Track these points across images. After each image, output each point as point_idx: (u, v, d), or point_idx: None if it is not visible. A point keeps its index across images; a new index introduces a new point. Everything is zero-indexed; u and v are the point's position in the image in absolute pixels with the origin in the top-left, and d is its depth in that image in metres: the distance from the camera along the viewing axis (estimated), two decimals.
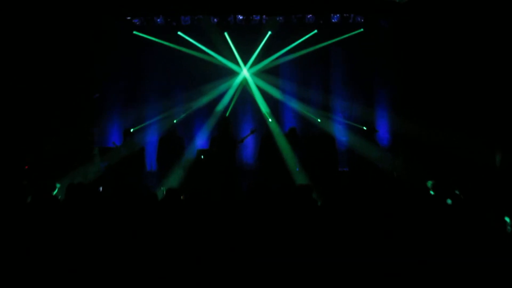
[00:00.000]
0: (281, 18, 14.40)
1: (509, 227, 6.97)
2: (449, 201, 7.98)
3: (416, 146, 12.83)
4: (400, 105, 14.13)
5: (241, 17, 14.33)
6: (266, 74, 14.77)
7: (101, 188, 10.61)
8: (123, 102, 14.60)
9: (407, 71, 13.83)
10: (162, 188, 11.50)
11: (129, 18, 14.22)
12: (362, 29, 14.37)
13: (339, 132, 14.46)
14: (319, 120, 14.17)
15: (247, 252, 6.07)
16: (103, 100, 14.41)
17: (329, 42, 14.55)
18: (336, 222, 6.62)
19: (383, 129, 14.33)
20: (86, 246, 6.08)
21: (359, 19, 14.43)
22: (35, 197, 7.53)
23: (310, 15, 14.32)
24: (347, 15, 14.31)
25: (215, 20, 14.39)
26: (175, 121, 14.04)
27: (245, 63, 14.70)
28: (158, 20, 14.28)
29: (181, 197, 7.85)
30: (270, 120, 13.78)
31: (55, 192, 8.73)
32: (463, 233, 6.26)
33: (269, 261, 5.81)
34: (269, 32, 14.35)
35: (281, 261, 5.87)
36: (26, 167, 11.56)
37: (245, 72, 14.74)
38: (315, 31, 14.37)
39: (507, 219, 7.03)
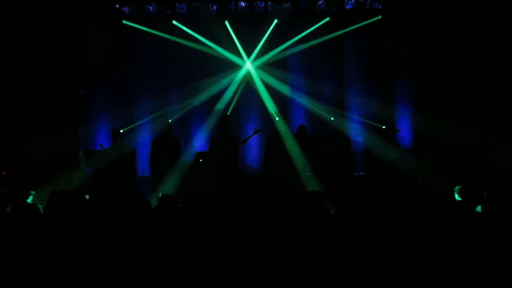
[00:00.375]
0: (288, 4, 14.40)
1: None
2: (478, 208, 7.99)
3: (442, 147, 12.78)
4: (423, 102, 14.08)
5: (243, 4, 14.35)
6: (272, 67, 14.74)
7: (87, 196, 10.63)
8: (112, 100, 14.62)
9: (432, 64, 13.80)
10: (159, 194, 11.46)
11: (117, 6, 14.22)
12: (380, 16, 14.32)
13: (355, 131, 14.46)
14: (332, 119, 14.15)
15: (251, 267, 6.09)
16: (89, 98, 14.41)
17: (343, 31, 14.51)
18: (352, 232, 6.62)
19: (404, 129, 14.28)
20: (70, 260, 6.09)
21: (376, 5, 14.41)
22: (16, 207, 7.56)
23: (322, 1, 14.31)
24: (363, 0, 14.30)
25: (214, 7, 14.39)
26: (170, 121, 14.03)
27: (248, 55, 14.67)
28: (151, 8, 14.29)
29: (178, 205, 7.86)
30: (277, 118, 13.77)
31: (29, 200, 8.74)
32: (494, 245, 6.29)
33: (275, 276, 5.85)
34: (275, 21, 14.32)
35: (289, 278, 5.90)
36: (4, 173, 11.58)
37: (248, 66, 14.72)
38: (327, 18, 14.33)
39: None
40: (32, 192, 9.05)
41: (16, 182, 10.96)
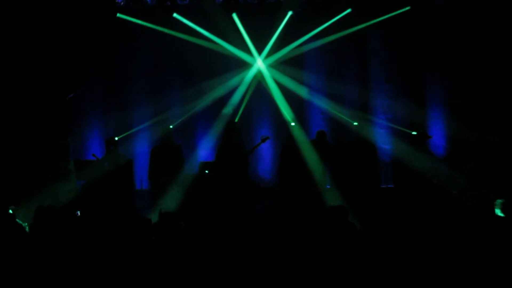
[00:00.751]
0: None
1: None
2: None
3: (481, 155, 12.72)
4: (459, 104, 14.06)
5: None
6: (286, 65, 14.70)
7: (78, 213, 10.64)
8: (106, 103, 14.67)
9: (468, 60, 13.77)
10: (161, 208, 11.39)
11: None
12: (409, 7, 14.26)
13: (382, 138, 14.43)
14: (355, 124, 14.08)
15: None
16: (80, 101, 14.43)
17: (367, 24, 14.44)
18: (379, 252, 6.59)
19: (437, 134, 14.26)
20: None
21: None
22: None
23: None
24: None
25: None
26: (171, 127, 13.98)
27: (259, 52, 14.66)
28: None
29: (180, 223, 7.85)
30: (292, 123, 13.75)
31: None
32: None
33: None
34: (290, 12, 14.31)
35: None
36: None
37: (259, 64, 14.71)
38: (349, 10, 14.30)
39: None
40: (11, 207, 9.03)
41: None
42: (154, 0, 14.37)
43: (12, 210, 8.84)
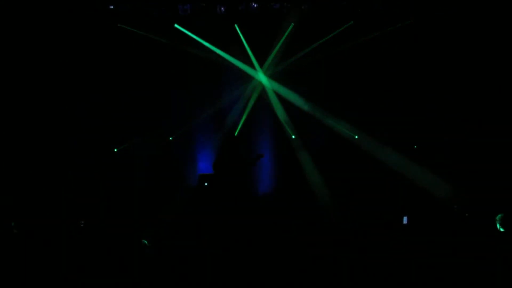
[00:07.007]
0: (307, 6, 14.40)
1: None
2: None
3: (483, 169, 12.74)
4: (461, 118, 14.08)
5: (255, 5, 14.38)
6: (287, 77, 14.75)
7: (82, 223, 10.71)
8: (104, 113, 14.58)
9: (471, 74, 13.82)
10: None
11: (112, 7, 14.30)
12: (412, 20, 14.28)
13: (382, 152, 14.39)
14: (356, 137, 14.20)
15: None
16: (77, 110, 14.45)
17: (370, 36, 14.47)
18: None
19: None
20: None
21: (407, 8, 14.36)
22: None
23: (346, 2, 14.36)
24: (392, 1, 14.31)
25: (222, 8, 14.41)
26: (170, 139, 14.03)
27: (261, 64, 14.78)
28: (150, 9, 14.36)
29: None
30: (293, 136, 13.78)
31: None
32: None
33: None
34: (292, 24, 14.38)
35: None
36: None
37: (261, 76, 14.81)
38: (351, 22, 14.37)
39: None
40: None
41: None
42: (155, 11, 14.33)
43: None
